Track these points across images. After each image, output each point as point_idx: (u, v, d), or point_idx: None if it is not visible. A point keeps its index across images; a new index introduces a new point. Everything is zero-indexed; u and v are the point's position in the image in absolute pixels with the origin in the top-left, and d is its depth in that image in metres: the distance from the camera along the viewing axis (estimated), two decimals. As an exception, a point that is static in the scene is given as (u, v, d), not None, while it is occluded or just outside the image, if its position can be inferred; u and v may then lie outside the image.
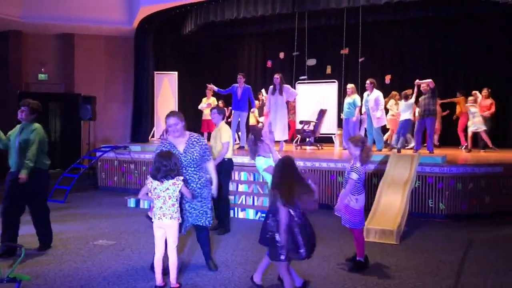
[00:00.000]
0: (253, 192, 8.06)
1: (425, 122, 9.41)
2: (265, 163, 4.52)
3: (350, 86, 10.77)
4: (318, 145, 11.57)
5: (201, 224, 4.73)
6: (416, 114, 10.03)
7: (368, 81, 10.36)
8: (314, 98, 12.52)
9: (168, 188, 4.25)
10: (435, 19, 12.95)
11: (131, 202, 8.65)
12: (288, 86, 10.72)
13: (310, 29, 13.06)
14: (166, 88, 13.78)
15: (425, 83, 9.36)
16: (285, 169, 4.00)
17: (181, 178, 4.31)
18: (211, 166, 4.84)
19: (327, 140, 12.51)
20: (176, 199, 4.29)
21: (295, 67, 13.18)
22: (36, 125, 5.58)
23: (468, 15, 12.49)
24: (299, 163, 8.55)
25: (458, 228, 6.97)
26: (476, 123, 10.77)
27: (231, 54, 16.43)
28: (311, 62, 13.18)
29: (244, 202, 7.96)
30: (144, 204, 8.43)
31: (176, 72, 13.82)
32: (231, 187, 7.83)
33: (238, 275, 4.75)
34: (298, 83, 12.91)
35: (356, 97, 10.52)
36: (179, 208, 4.34)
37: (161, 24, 13.50)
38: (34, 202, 5.54)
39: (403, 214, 6.51)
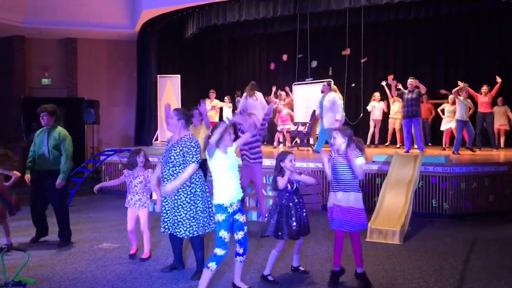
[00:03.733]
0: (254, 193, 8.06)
1: (411, 123, 9.38)
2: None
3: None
4: (313, 146, 11.53)
5: (179, 236, 4.58)
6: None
7: (324, 83, 10.33)
8: (308, 100, 12.43)
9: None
10: (436, 18, 12.92)
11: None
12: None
13: (312, 30, 13.07)
14: (169, 91, 13.81)
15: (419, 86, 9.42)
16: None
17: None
18: (186, 170, 4.44)
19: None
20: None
21: (299, 69, 13.18)
22: (61, 130, 6.05)
23: (469, 14, 12.45)
24: (302, 164, 8.58)
25: (462, 227, 6.96)
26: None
27: (234, 57, 16.47)
28: (314, 64, 13.19)
29: (247, 204, 7.96)
30: (149, 207, 8.42)
31: (179, 75, 13.86)
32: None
33: (242, 276, 4.74)
34: (294, 84, 12.91)
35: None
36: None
37: (163, 27, 13.58)
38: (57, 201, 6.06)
39: (407, 214, 6.51)
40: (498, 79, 10.39)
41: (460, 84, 10.12)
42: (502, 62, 12.62)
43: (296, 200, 4.57)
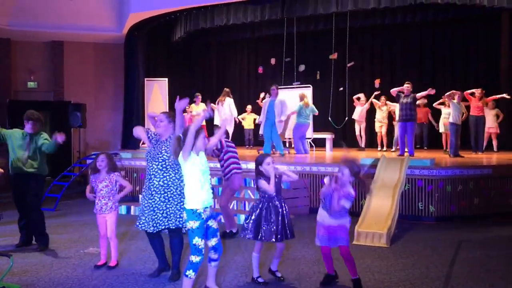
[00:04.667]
0: (245, 198, 8.06)
1: (406, 126, 9.48)
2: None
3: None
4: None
5: (170, 227, 4.64)
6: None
7: (273, 87, 10.40)
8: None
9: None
10: (423, 23, 13.08)
11: (122, 209, 8.61)
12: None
13: (300, 34, 13.15)
14: (157, 95, 13.77)
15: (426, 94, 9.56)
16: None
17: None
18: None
19: (321, 143, 12.52)
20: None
21: (286, 73, 13.24)
22: (45, 135, 6.12)
23: (456, 19, 12.64)
24: (290, 168, 8.57)
25: (448, 230, 7.03)
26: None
27: (222, 61, 16.49)
28: (302, 68, 13.25)
29: (235, 208, 7.95)
30: (135, 211, 8.40)
31: (167, 79, 13.82)
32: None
33: (229, 280, 4.74)
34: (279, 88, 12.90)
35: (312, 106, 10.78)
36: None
37: (151, 31, 13.54)
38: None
39: (393, 217, 6.56)
40: (506, 96, 10.71)
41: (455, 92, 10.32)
42: (489, 66, 12.82)
43: (277, 202, 4.55)
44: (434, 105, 11.49)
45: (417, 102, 10.08)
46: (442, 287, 4.57)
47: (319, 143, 12.50)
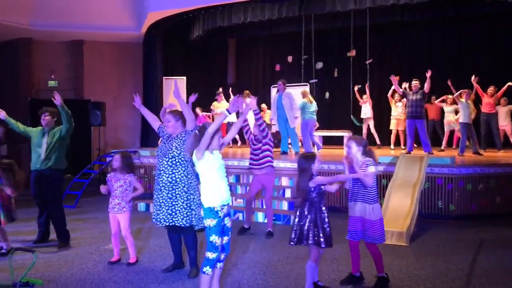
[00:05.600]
0: (262, 195, 8.06)
1: (415, 124, 9.36)
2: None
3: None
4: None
5: (177, 225, 4.67)
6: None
7: (279, 81, 10.35)
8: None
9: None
10: (443, 20, 12.89)
11: (141, 207, 8.71)
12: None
13: (317, 32, 13.08)
14: (175, 93, 13.83)
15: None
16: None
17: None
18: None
19: (338, 141, 12.47)
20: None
21: (304, 70, 13.18)
22: (58, 128, 6.20)
23: (478, 15, 12.40)
24: (294, 165, 8.59)
25: (468, 229, 6.93)
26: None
27: (239, 59, 16.51)
28: (319, 65, 13.19)
29: (253, 205, 7.94)
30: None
31: (185, 77, 13.89)
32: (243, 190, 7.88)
33: (247, 277, 4.76)
34: (273, 87, 12.89)
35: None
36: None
37: (169, 29, 13.63)
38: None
39: (413, 216, 6.50)
40: (511, 83, 10.44)
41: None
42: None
43: (324, 206, 4.26)
44: (436, 102, 11.38)
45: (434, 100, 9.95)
46: (463, 287, 4.52)
47: (337, 141, 12.44)
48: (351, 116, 12.40)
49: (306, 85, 11.90)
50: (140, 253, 5.72)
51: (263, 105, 13.32)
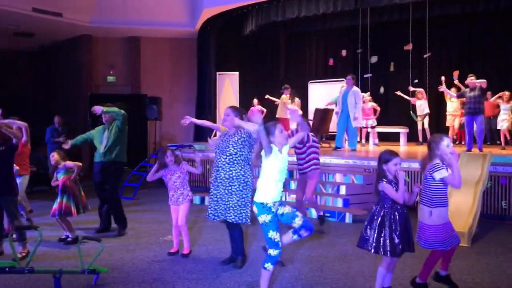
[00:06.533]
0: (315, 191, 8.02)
1: (473, 120, 8.98)
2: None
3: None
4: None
5: (228, 220, 4.78)
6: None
7: (349, 76, 10.07)
8: (320, 98, 12.12)
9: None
10: (506, 11, 12.27)
11: (196, 199, 8.88)
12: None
13: (373, 25, 12.80)
14: (228, 88, 14.01)
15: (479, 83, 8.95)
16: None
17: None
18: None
19: (393, 137, 12.17)
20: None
21: (359, 64, 12.96)
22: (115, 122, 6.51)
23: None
24: (348, 162, 8.56)
25: (535, 231, 6.60)
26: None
27: (293, 53, 16.42)
28: (374, 59, 12.92)
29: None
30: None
31: (237, 72, 14.01)
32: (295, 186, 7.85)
33: (305, 273, 4.76)
34: (310, 82, 12.65)
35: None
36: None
37: (222, 25, 13.78)
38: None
39: (475, 216, 6.25)
40: None
41: None
42: None
43: (400, 210, 3.86)
44: (491, 100, 10.86)
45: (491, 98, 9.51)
46: (531, 292, 4.32)
47: (393, 138, 12.16)
48: (411, 112, 12.05)
49: (342, 80, 11.68)
50: (197, 244, 5.84)
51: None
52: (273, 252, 3.91)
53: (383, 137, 12.57)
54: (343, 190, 7.91)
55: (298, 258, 5.27)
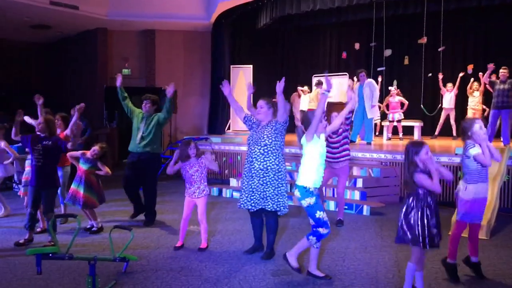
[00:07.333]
0: (333, 184, 8.10)
1: (500, 114, 8.98)
2: None
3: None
4: None
5: (266, 209, 4.87)
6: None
7: (361, 72, 10.29)
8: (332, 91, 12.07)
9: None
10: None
11: (214, 191, 9.00)
12: None
13: (387, 18, 12.77)
14: (242, 81, 14.05)
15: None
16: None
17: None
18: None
19: (406, 131, 12.19)
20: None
21: (372, 58, 12.95)
22: (158, 115, 6.53)
23: None
24: (380, 156, 8.54)
25: (553, 225, 6.65)
26: None
27: (306, 46, 16.41)
28: (388, 52, 12.90)
29: (324, 194, 8.01)
30: (226, 193, 8.76)
31: (251, 65, 14.07)
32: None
33: (328, 263, 4.85)
34: (314, 76, 12.65)
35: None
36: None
37: (236, 18, 13.81)
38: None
39: (493, 209, 6.31)
40: None
41: None
42: None
43: (431, 201, 3.84)
44: None
45: None
46: (552, 283, 4.38)
47: (407, 131, 12.18)
48: (421, 106, 12.08)
49: (345, 74, 11.78)
50: (219, 234, 5.96)
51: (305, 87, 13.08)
52: (322, 231, 4.25)
53: (395, 131, 12.58)
54: (359, 183, 7.99)
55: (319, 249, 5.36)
